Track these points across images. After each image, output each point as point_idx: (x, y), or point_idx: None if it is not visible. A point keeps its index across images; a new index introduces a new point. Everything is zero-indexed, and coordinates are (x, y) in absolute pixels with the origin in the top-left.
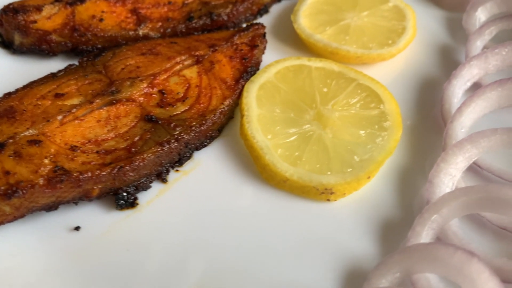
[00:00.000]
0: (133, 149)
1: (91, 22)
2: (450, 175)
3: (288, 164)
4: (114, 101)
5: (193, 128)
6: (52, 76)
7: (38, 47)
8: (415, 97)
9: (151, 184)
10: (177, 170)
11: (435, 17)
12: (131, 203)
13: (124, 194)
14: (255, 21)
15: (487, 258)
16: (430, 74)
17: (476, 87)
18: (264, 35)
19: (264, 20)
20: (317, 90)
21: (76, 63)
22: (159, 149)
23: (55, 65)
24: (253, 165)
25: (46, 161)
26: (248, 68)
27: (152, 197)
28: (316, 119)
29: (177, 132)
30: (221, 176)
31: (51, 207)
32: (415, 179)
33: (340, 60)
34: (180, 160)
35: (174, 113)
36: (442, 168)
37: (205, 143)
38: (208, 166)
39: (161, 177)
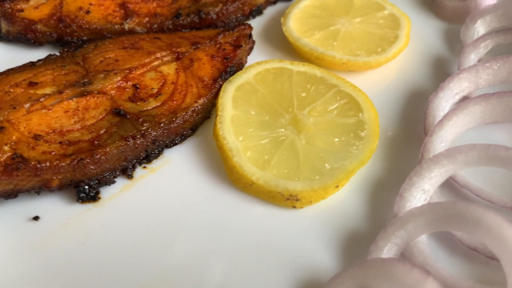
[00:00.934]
0: (96, 142)
1: (77, 14)
2: (423, 190)
3: (256, 168)
4: (85, 93)
5: (162, 125)
6: (30, 65)
7: (24, 36)
8: (401, 108)
9: (115, 179)
10: (144, 167)
11: (434, 28)
12: (93, 197)
13: (86, 187)
14: (246, 22)
15: (452, 279)
16: (420, 85)
17: None
18: (249, 36)
19: (257, 21)
20: (295, 94)
21: (58, 53)
22: (123, 144)
23: (41, 55)
24: (224, 167)
25: (6, 148)
26: (228, 68)
27: (116, 193)
28: (291, 124)
29: (144, 128)
30: (189, 176)
31: (10, 195)
32: (390, 193)
33: (326, 66)
34: (147, 156)
35: (145, 109)
36: (414, 182)
37: (176, 141)
38: (177, 165)
39: (127, 172)
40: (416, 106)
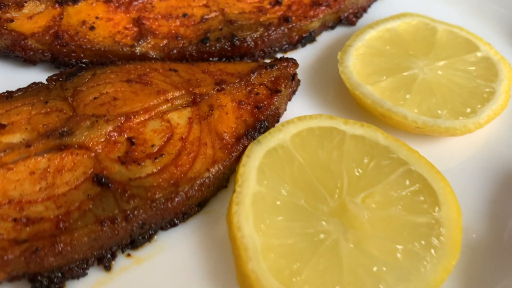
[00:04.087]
0: (61, 224)
1: (79, 29)
2: None
3: (279, 283)
4: (62, 147)
5: (155, 204)
6: (6, 96)
7: (12, 52)
8: (492, 198)
9: (86, 271)
10: (128, 255)
11: None
12: None
13: (44, 281)
14: (292, 53)
15: None
16: None
17: None
18: (293, 76)
19: (307, 51)
20: (347, 170)
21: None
22: (97, 229)
23: (31, 77)
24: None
25: None
26: (258, 123)
27: None
28: (336, 215)
29: (130, 207)
30: (186, 273)
31: None
32: None
33: (394, 126)
34: (133, 241)
35: (137, 176)
36: None
37: (175, 222)
38: (172, 255)
39: (103, 262)
40: None
